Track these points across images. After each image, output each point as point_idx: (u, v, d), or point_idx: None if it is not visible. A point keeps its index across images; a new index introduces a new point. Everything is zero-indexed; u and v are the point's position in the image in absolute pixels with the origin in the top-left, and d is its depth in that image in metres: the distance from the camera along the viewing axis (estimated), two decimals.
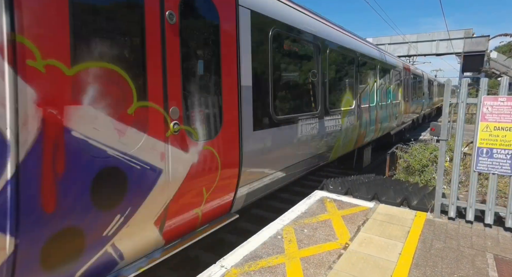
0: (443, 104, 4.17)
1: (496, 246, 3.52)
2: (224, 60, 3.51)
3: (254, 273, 2.95)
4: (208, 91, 3.38)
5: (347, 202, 4.82)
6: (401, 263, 3.14)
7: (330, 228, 3.91)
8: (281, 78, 4.81)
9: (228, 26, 3.57)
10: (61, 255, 2.22)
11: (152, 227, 2.86)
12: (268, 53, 4.25)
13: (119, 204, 2.49)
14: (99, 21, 2.41)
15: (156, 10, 2.72)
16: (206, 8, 3.33)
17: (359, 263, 3.13)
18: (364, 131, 8.29)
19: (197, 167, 3.20)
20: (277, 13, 4.49)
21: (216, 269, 3.00)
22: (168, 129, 2.86)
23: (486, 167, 3.88)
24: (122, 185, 2.51)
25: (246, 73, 3.86)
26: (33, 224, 2.01)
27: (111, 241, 2.51)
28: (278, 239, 3.60)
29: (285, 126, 4.70)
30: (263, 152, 4.28)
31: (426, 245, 3.52)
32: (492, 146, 3.84)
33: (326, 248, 3.43)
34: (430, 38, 28.72)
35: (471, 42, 26.96)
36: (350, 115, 7.06)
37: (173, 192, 2.98)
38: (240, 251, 3.33)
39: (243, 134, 3.80)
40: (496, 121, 3.79)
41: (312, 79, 5.51)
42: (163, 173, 2.84)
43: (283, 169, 4.95)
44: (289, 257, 3.24)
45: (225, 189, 3.69)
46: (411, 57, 30.53)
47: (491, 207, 3.93)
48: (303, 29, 5.19)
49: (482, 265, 3.15)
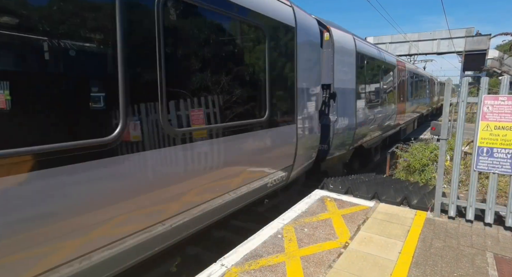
0: (444, 103, 4.17)
1: (496, 245, 3.53)
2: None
3: (254, 271, 2.96)
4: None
5: (347, 201, 4.83)
6: (401, 262, 3.15)
7: (330, 227, 3.92)
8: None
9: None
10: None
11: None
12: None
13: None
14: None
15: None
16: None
17: (359, 262, 3.14)
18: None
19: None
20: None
21: (216, 268, 3.01)
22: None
23: (487, 166, 3.88)
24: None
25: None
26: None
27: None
28: (278, 238, 3.61)
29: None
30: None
31: (426, 244, 3.53)
32: (492, 145, 3.83)
33: (326, 247, 3.44)
34: (431, 37, 28.61)
35: (473, 41, 26.86)
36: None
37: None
38: (240, 250, 3.34)
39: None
40: (497, 121, 3.79)
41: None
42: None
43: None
44: (289, 256, 3.25)
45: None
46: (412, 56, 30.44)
47: (491, 206, 3.93)
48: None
49: (482, 264, 3.15)
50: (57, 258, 2.05)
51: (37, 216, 1.92)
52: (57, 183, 1.99)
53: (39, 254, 1.97)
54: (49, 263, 2.01)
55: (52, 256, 2.03)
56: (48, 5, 1.98)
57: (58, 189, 1.99)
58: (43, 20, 1.94)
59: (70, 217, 2.07)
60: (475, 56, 26.38)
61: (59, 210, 2.02)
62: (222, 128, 3.25)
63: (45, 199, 1.94)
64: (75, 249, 2.13)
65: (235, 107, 3.49)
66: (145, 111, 2.44)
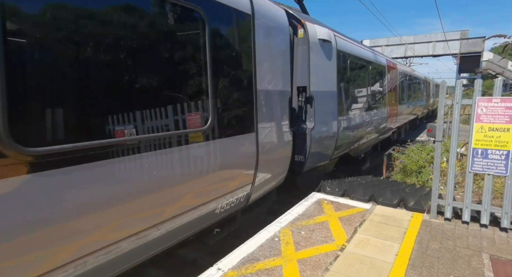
0: (439, 105, 4.20)
1: (492, 246, 3.54)
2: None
3: (251, 275, 2.95)
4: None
5: (344, 204, 4.84)
6: (398, 264, 3.15)
7: (327, 229, 3.92)
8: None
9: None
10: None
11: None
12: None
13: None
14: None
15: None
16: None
17: (356, 264, 3.14)
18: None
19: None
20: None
21: (213, 272, 3.00)
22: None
23: (482, 167, 3.91)
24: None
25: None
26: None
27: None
28: (275, 241, 3.60)
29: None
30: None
31: (422, 246, 3.53)
32: (487, 146, 3.86)
33: (323, 249, 3.43)
34: (427, 40, 28.87)
35: (467, 43, 27.14)
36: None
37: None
38: (237, 254, 3.33)
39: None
40: (491, 122, 3.82)
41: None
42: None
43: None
44: (286, 259, 3.24)
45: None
46: (408, 59, 30.68)
47: (487, 207, 3.95)
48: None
49: (478, 265, 3.16)
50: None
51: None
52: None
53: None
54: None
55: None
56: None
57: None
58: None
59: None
60: (470, 58, 26.62)
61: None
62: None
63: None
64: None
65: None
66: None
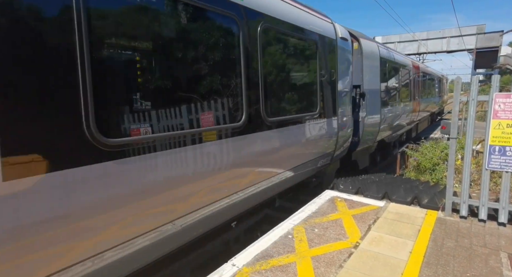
0: (453, 102, 4.14)
1: (510, 245, 3.48)
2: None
3: (265, 271, 2.99)
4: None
5: (357, 201, 4.82)
6: (412, 262, 3.14)
7: (340, 227, 3.93)
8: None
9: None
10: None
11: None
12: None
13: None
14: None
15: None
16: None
17: (370, 262, 3.14)
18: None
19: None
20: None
21: (227, 268, 3.05)
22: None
23: (499, 165, 3.84)
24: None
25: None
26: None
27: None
28: (289, 239, 3.63)
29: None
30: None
31: (437, 244, 3.50)
32: (504, 143, 3.79)
33: (337, 247, 3.44)
34: (440, 35, 28.19)
35: (484, 38, 26.35)
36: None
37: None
38: (251, 250, 3.38)
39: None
40: (509, 119, 3.75)
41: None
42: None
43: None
44: (299, 256, 3.27)
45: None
46: (421, 55, 30.06)
47: (504, 205, 3.88)
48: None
49: (496, 264, 3.12)
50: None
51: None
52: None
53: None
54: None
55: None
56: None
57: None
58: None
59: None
60: (487, 54, 25.85)
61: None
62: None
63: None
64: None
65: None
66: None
